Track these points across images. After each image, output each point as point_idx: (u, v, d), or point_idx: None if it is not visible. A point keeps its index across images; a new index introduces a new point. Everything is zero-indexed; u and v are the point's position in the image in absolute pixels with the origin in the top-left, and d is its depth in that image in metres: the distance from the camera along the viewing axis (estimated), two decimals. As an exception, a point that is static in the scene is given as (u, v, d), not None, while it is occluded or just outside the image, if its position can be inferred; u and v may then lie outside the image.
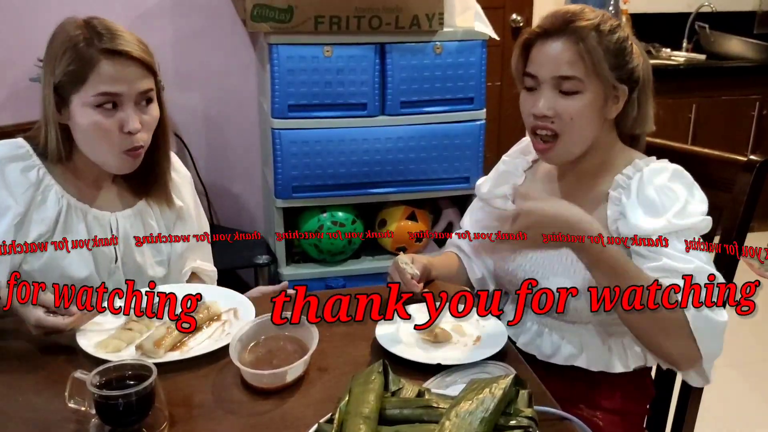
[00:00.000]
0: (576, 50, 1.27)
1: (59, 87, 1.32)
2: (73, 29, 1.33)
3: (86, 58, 1.30)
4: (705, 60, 3.91)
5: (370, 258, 2.70)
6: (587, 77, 1.28)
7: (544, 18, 1.33)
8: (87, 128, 1.33)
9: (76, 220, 1.41)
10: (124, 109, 1.33)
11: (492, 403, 0.91)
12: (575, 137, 1.31)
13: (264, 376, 1.13)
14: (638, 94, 1.33)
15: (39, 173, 1.38)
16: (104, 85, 1.30)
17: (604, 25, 1.29)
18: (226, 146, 2.89)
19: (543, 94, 1.31)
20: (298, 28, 2.29)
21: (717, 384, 1.31)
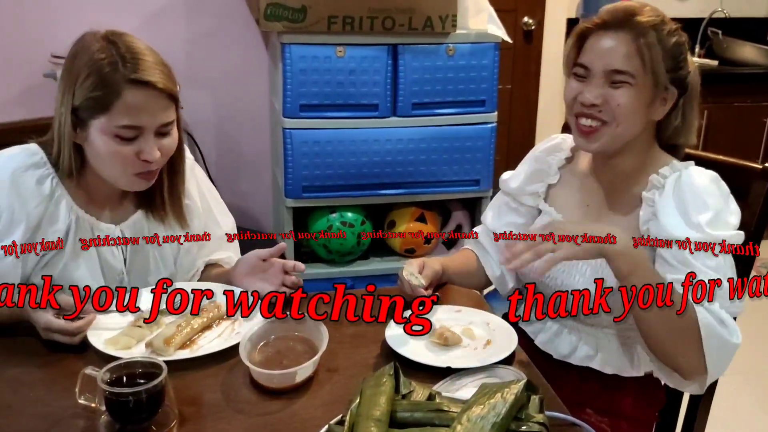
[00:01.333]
0: (635, 45, 1.26)
1: (79, 109, 1.29)
2: (96, 50, 1.29)
3: (111, 85, 1.26)
4: (717, 66, 3.89)
5: (379, 259, 2.69)
6: (641, 73, 1.27)
7: (604, 10, 1.32)
8: (103, 153, 1.31)
9: (85, 233, 1.40)
10: (145, 139, 1.31)
11: (504, 408, 0.91)
12: (620, 128, 1.30)
13: (274, 376, 1.13)
14: (684, 102, 1.33)
15: (52, 183, 1.36)
16: (127, 117, 1.27)
17: (665, 26, 1.29)
18: (236, 145, 2.90)
19: (593, 84, 1.30)
20: (311, 27, 2.29)
21: (727, 393, 1.31)
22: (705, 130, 3.69)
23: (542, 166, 1.50)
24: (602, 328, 1.38)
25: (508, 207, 1.55)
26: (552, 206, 1.46)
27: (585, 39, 1.33)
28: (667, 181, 1.30)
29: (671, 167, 1.32)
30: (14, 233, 1.32)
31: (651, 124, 1.34)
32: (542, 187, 1.49)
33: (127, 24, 1.37)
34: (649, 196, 1.31)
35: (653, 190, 1.31)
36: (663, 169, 1.32)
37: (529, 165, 1.53)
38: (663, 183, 1.30)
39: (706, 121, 3.68)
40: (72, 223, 1.38)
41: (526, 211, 1.52)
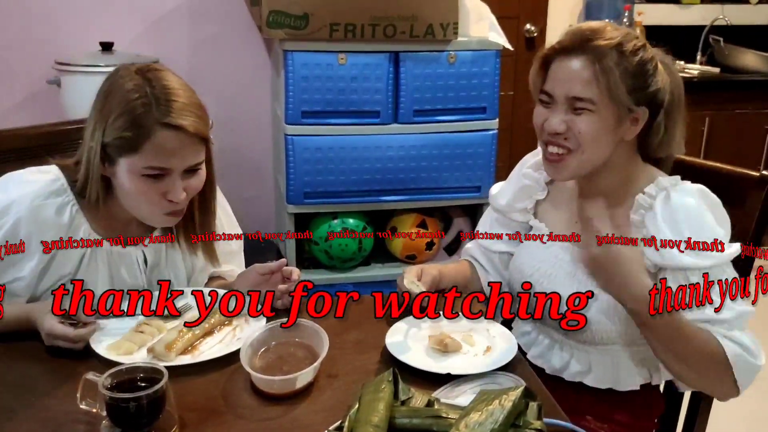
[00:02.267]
0: (592, 70, 1.25)
1: (108, 146, 1.29)
2: (130, 89, 1.28)
3: (142, 127, 1.26)
4: (719, 73, 3.89)
5: (380, 265, 2.70)
6: (601, 99, 1.25)
7: (564, 34, 1.31)
8: (130, 191, 1.31)
9: (101, 262, 1.40)
10: (171, 179, 1.30)
11: (501, 415, 0.91)
12: (586, 155, 1.29)
13: (274, 382, 1.14)
14: (666, 115, 1.29)
15: (72, 211, 1.36)
16: (156, 159, 1.27)
17: (627, 45, 1.25)
18: (239, 151, 2.91)
19: (557, 110, 1.29)
20: (314, 35, 2.31)
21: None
22: (706, 137, 3.70)
23: (530, 182, 1.50)
24: (594, 345, 1.36)
25: (498, 223, 1.56)
26: (542, 222, 1.47)
27: (549, 64, 1.31)
28: (655, 202, 1.28)
29: (656, 185, 1.30)
30: (29, 262, 1.33)
31: (625, 143, 1.32)
32: (531, 203, 1.49)
33: (131, 31, 1.38)
34: (637, 219, 1.30)
35: (640, 211, 1.30)
36: (648, 187, 1.30)
37: (516, 181, 1.53)
38: (650, 203, 1.28)
39: (707, 128, 3.68)
40: (87, 253, 1.38)
41: (517, 226, 1.53)
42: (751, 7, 4.19)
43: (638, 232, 1.30)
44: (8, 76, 2.61)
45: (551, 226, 1.45)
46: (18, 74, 2.61)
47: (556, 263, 1.39)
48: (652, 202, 1.28)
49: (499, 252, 1.56)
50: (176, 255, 1.50)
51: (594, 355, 1.38)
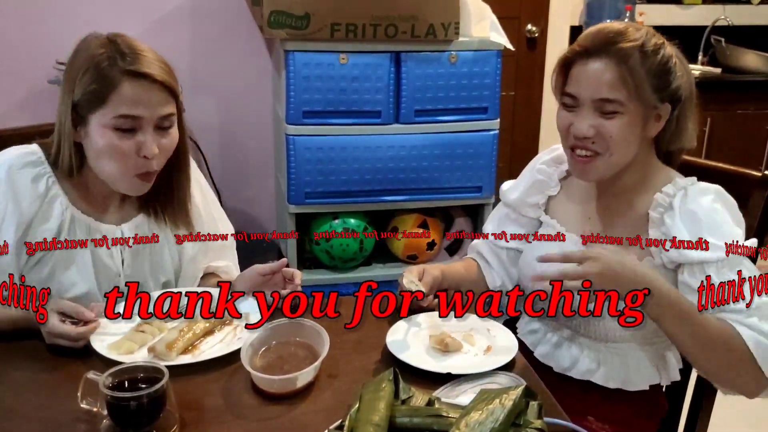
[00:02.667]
0: (618, 72, 1.25)
1: (78, 105, 1.30)
2: (96, 47, 1.30)
3: (108, 78, 1.27)
4: (720, 74, 3.89)
5: (381, 265, 2.70)
6: (628, 100, 1.25)
7: (585, 36, 1.30)
8: (102, 149, 1.31)
9: (79, 234, 1.39)
10: (143, 133, 1.31)
11: (502, 414, 0.91)
12: (615, 157, 1.29)
13: (274, 382, 1.14)
14: (679, 111, 1.31)
15: (48, 182, 1.37)
16: (125, 107, 1.28)
17: (648, 45, 1.26)
18: (240, 151, 2.91)
19: (583, 114, 1.29)
20: (315, 35, 2.31)
21: (728, 400, 1.30)
22: (708, 138, 3.69)
23: (543, 177, 1.49)
24: (605, 342, 1.37)
25: (508, 218, 1.55)
26: (554, 218, 1.46)
27: (570, 66, 1.31)
28: (673, 201, 1.28)
29: (674, 185, 1.31)
30: (7, 231, 1.33)
31: (646, 141, 1.33)
32: (543, 198, 1.48)
33: (132, 30, 1.38)
34: (656, 216, 1.30)
35: (659, 209, 1.30)
36: (667, 187, 1.31)
37: (529, 176, 1.52)
38: (669, 202, 1.29)
39: (708, 128, 3.68)
40: (65, 222, 1.38)
41: (527, 222, 1.51)
42: (752, 7, 4.19)
43: (657, 229, 1.30)
44: (9, 75, 2.61)
45: (563, 221, 1.44)
46: (19, 74, 2.61)
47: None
48: (671, 201, 1.29)
49: (507, 248, 1.55)
50: (163, 243, 1.48)
51: (604, 353, 1.38)
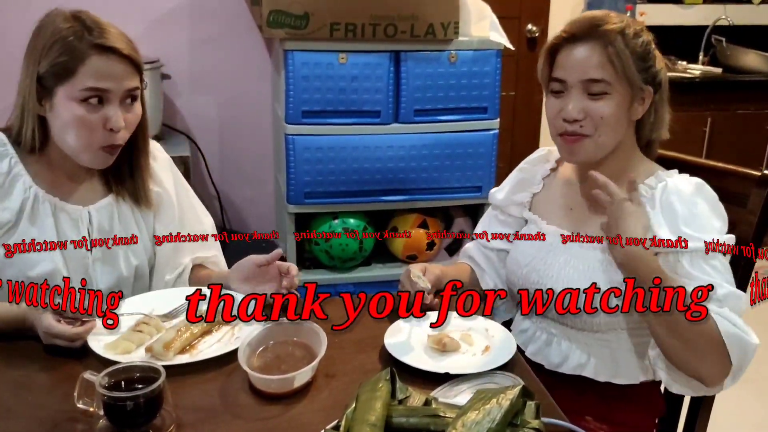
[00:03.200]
0: (604, 53, 1.29)
1: (43, 78, 1.32)
2: (62, 21, 1.33)
3: (76, 51, 1.30)
4: (721, 73, 3.89)
5: (381, 265, 2.69)
6: (616, 80, 1.30)
7: (569, 24, 1.35)
8: (69, 121, 1.32)
9: (43, 212, 1.39)
10: (110, 106, 1.33)
11: (499, 414, 0.91)
12: (604, 137, 1.33)
13: (272, 381, 1.14)
14: (659, 96, 1.36)
15: (10, 162, 1.37)
16: (92, 80, 1.30)
17: (629, 29, 1.31)
18: (239, 151, 2.91)
19: (572, 97, 1.32)
20: (314, 34, 2.30)
21: (727, 399, 1.31)
22: (708, 138, 3.70)
23: (527, 175, 1.53)
24: (593, 332, 1.38)
25: (496, 220, 1.59)
26: (536, 214, 1.49)
27: (556, 54, 1.35)
28: (654, 193, 1.31)
29: (656, 177, 1.34)
30: None
31: (631, 124, 1.37)
32: (527, 196, 1.52)
33: (130, 30, 1.38)
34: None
35: (641, 199, 1.31)
36: (649, 179, 1.34)
37: (514, 176, 1.57)
38: (651, 194, 1.32)
39: (709, 128, 3.68)
40: (28, 200, 1.37)
41: (513, 222, 1.55)
42: (753, 7, 4.19)
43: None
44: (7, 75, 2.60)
45: (546, 216, 1.47)
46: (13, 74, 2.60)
47: (552, 250, 1.40)
48: (653, 192, 1.32)
49: (497, 249, 1.58)
50: (128, 222, 1.48)
51: (594, 346, 1.39)
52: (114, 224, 1.46)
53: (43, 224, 1.38)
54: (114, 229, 1.46)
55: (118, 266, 1.46)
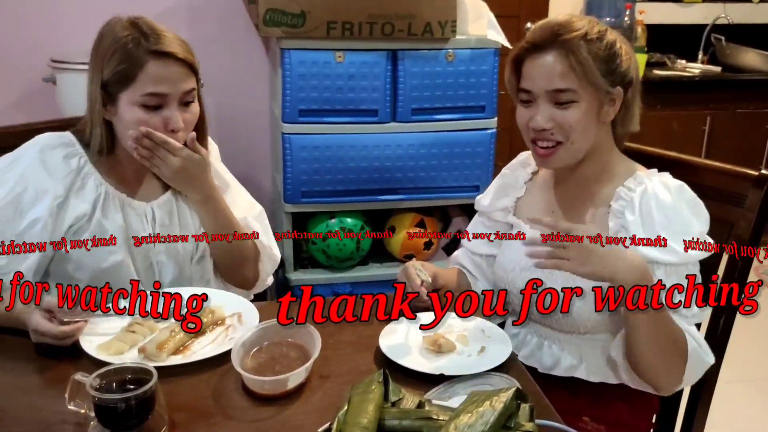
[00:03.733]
0: (567, 62, 1.28)
1: (107, 85, 1.38)
2: (120, 29, 1.39)
3: (135, 58, 1.36)
4: (720, 72, 3.88)
5: (378, 265, 2.69)
6: (581, 87, 1.29)
7: (531, 31, 1.33)
8: (132, 124, 1.38)
9: (114, 208, 1.45)
10: (169, 109, 1.40)
11: (492, 417, 0.90)
12: (576, 144, 1.32)
13: (265, 383, 1.13)
14: (631, 93, 1.34)
15: (80, 161, 1.43)
16: (151, 85, 1.36)
17: (591, 33, 1.29)
18: (236, 149, 2.90)
19: (539, 107, 1.32)
20: (311, 33, 2.30)
21: (725, 398, 1.31)
22: (708, 136, 3.69)
23: (509, 180, 1.54)
24: (581, 335, 1.37)
25: (483, 226, 1.59)
26: (519, 219, 1.49)
27: (521, 63, 1.34)
28: (634, 196, 1.31)
29: (635, 178, 1.34)
30: (41, 204, 1.38)
31: (605, 126, 1.36)
32: (510, 201, 1.51)
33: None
34: (617, 208, 1.33)
35: (621, 201, 1.32)
36: (628, 181, 1.34)
37: (497, 181, 1.57)
38: (631, 197, 1.31)
39: (708, 127, 3.67)
40: (100, 197, 1.43)
41: (500, 227, 1.54)
42: (752, 5, 4.18)
43: (616, 221, 1.32)
44: (4, 73, 2.60)
45: (528, 220, 1.45)
46: (14, 72, 2.60)
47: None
48: (632, 196, 1.31)
49: (485, 255, 1.58)
50: (186, 217, 1.53)
51: (584, 347, 1.39)
52: (173, 220, 1.52)
53: (114, 219, 1.44)
54: (173, 224, 1.52)
55: (179, 259, 1.51)
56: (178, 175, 1.45)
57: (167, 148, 1.41)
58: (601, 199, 1.37)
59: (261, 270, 1.63)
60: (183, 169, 1.44)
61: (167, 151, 1.41)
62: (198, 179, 1.48)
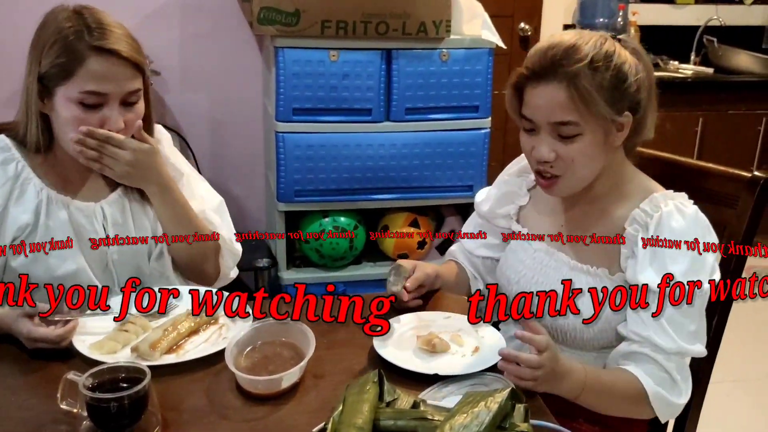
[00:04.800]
0: (568, 94, 1.19)
1: (45, 77, 1.30)
2: (63, 20, 1.31)
3: (75, 52, 1.28)
4: (712, 74, 3.89)
5: (371, 264, 2.69)
6: (584, 120, 1.21)
7: (531, 56, 1.24)
8: (68, 121, 1.31)
9: (58, 213, 1.38)
10: (109, 108, 1.32)
11: (487, 417, 0.90)
12: (579, 175, 1.27)
13: (259, 382, 1.12)
14: (642, 113, 1.27)
15: (18, 167, 1.37)
16: (91, 83, 1.29)
17: (597, 58, 1.20)
18: (229, 148, 2.89)
19: (542, 138, 1.25)
20: (305, 32, 2.29)
21: (718, 399, 1.31)
22: (700, 138, 3.70)
23: (512, 188, 1.49)
24: (586, 351, 1.36)
25: (483, 229, 1.56)
26: (525, 227, 1.45)
27: (522, 89, 1.26)
28: (649, 223, 1.25)
29: (651, 201, 1.27)
30: None
31: (614, 149, 1.29)
32: (513, 208, 1.48)
33: (121, 25, 1.37)
34: (632, 233, 1.27)
35: (635, 225, 1.27)
36: (644, 203, 1.27)
37: (498, 188, 1.52)
38: (646, 222, 1.25)
39: (701, 128, 3.69)
40: (42, 203, 1.36)
41: (501, 232, 1.52)
42: (744, 7, 4.20)
43: (629, 250, 1.28)
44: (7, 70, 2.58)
45: (534, 231, 1.44)
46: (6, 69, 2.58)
47: (541, 269, 1.38)
48: (648, 221, 1.26)
49: (483, 257, 1.57)
50: (139, 213, 1.46)
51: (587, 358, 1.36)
52: (126, 217, 1.45)
53: (61, 224, 1.38)
54: (127, 221, 1.45)
55: (137, 258, 1.45)
56: (130, 169, 1.37)
57: (113, 143, 1.33)
58: (614, 219, 1.31)
59: (222, 265, 1.56)
60: (135, 162, 1.36)
61: (114, 146, 1.33)
62: (152, 170, 1.40)
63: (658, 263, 1.23)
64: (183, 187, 1.50)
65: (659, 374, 1.22)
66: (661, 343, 1.21)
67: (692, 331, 1.24)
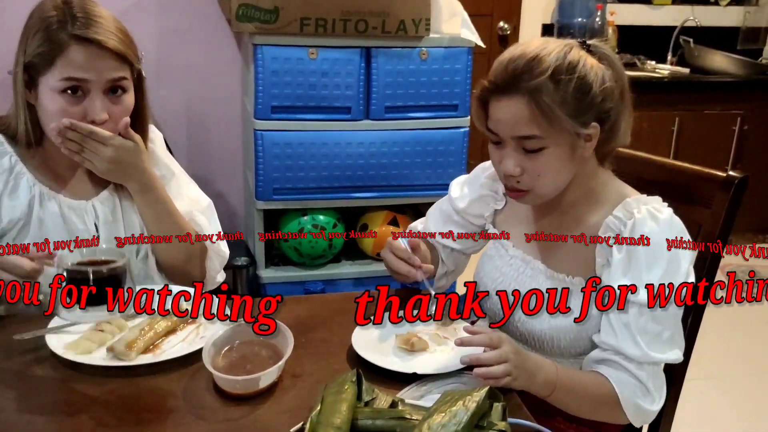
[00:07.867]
0: (529, 109, 1.17)
1: (29, 67, 1.30)
2: (49, 9, 1.30)
3: (56, 41, 1.27)
4: (688, 74, 3.94)
5: (350, 263, 2.68)
6: (547, 133, 1.18)
7: (494, 69, 1.22)
8: (51, 113, 1.30)
9: (51, 211, 1.37)
10: (92, 98, 1.30)
11: (465, 416, 0.90)
12: (546, 188, 1.26)
13: (237, 382, 1.12)
14: (612, 119, 1.23)
15: (11, 160, 1.36)
16: (71, 70, 1.27)
17: (560, 70, 1.16)
18: (207, 146, 2.87)
19: (508, 152, 1.23)
20: (284, 29, 2.28)
21: (693, 397, 1.32)
22: (676, 137, 3.74)
23: (488, 192, 1.48)
24: (556, 357, 1.34)
25: (450, 219, 1.55)
26: (498, 228, 1.46)
27: (486, 103, 1.24)
28: (623, 230, 1.24)
29: (625, 206, 1.25)
30: None
31: (584, 159, 1.26)
32: (488, 210, 1.48)
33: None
34: (605, 241, 1.27)
35: (608, 233, 1.26)
36: (617, 210, 1.26)
37: (474, 191, 1.51)
38: (619, 228, 1.25)
39: (677, 127, 3.73)
40: (35, 197, 1.36)
41: (473, 228, 1.52)
42: (720, 9, 4.25)
43: (603, 257, 1.27)
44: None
45: (510, 237, 1.43)
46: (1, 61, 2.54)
47: (518, 277, 1.38)
48: (621, 229, 1.25)
49: (453, 249, 1.56)
50: (129, 213, 1.46)
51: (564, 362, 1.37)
52: (117, 216, 1.44)
53: (54, 223, 1.37)
54: (117, 221, 1.44)
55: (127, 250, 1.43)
56: (111, 166, 1.34)
57: (95, 138, 1.30)
58: (589, 227, 1.30)
59: (209, 268, 1.55)
60: (116, 159, 1.33)
61: (96, 141, 1.30)
62: (134, 167, 1.37)
63: (633, 273, 1.22)
64: (171, 188, 1.49)
65: (631, 381, 1.22)
66: (632, 354, 1.21)
67: (667, 338, 1.23)
